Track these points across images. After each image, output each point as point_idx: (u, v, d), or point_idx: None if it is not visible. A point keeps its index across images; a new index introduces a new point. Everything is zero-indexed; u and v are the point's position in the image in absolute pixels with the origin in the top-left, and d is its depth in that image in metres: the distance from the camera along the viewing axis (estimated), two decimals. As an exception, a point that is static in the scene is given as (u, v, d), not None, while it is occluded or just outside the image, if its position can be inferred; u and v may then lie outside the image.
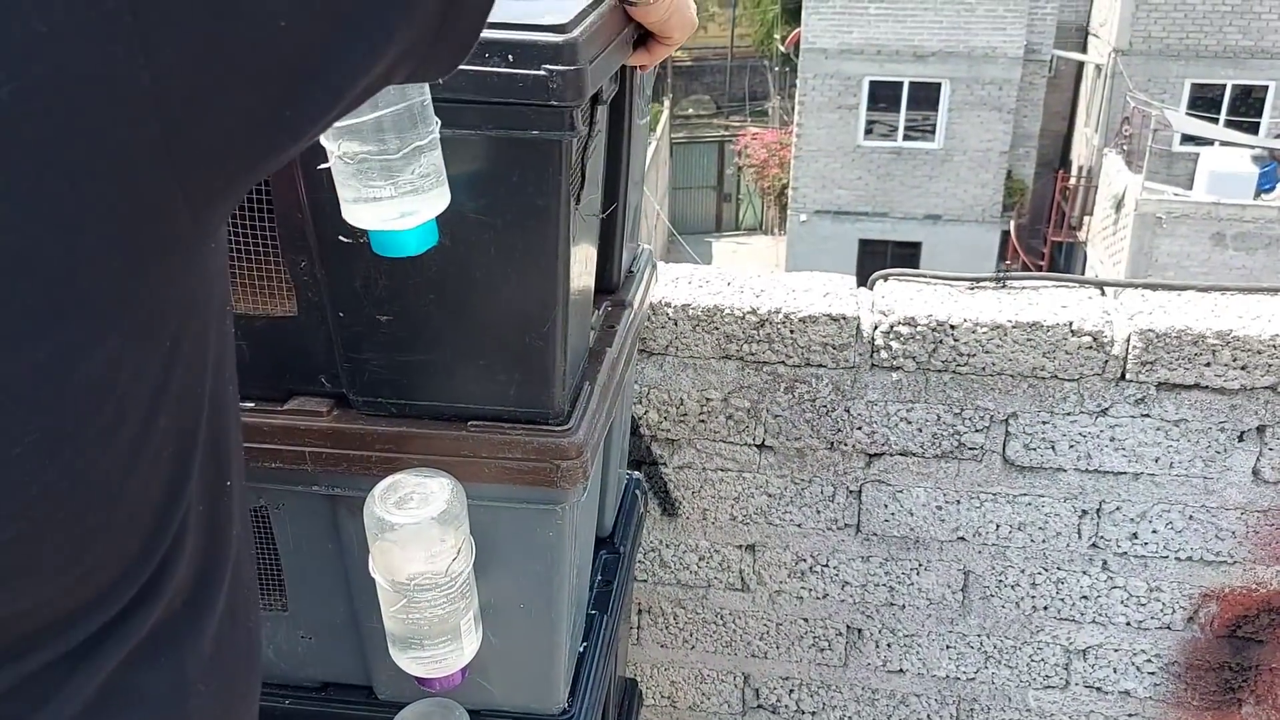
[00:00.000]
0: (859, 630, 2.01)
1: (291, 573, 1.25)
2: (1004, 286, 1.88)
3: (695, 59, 25.49)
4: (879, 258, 15.61)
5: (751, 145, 20.04)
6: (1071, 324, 1.76)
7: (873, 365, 1.82)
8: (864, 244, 16.31)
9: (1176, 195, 13.67)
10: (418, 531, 1.05)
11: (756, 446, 1.88)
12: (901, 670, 2.03)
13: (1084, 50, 16.95)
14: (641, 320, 1.56)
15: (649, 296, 1.59)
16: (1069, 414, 1.80)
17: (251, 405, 1.15)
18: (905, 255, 15.88)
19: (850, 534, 1.93)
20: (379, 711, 1.30)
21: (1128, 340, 1.75)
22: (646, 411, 1.87)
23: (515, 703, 1.31)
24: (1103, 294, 1.85)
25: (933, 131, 15.84)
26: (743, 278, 1.91)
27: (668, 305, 1.81)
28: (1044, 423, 1.82)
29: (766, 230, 21.47)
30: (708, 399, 1.86)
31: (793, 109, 17.20)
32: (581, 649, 1.40)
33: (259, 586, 1.19)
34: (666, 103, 22.46)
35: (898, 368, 1.81)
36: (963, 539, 1.92)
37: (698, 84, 25.54)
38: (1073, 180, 16.68)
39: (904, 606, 1.98)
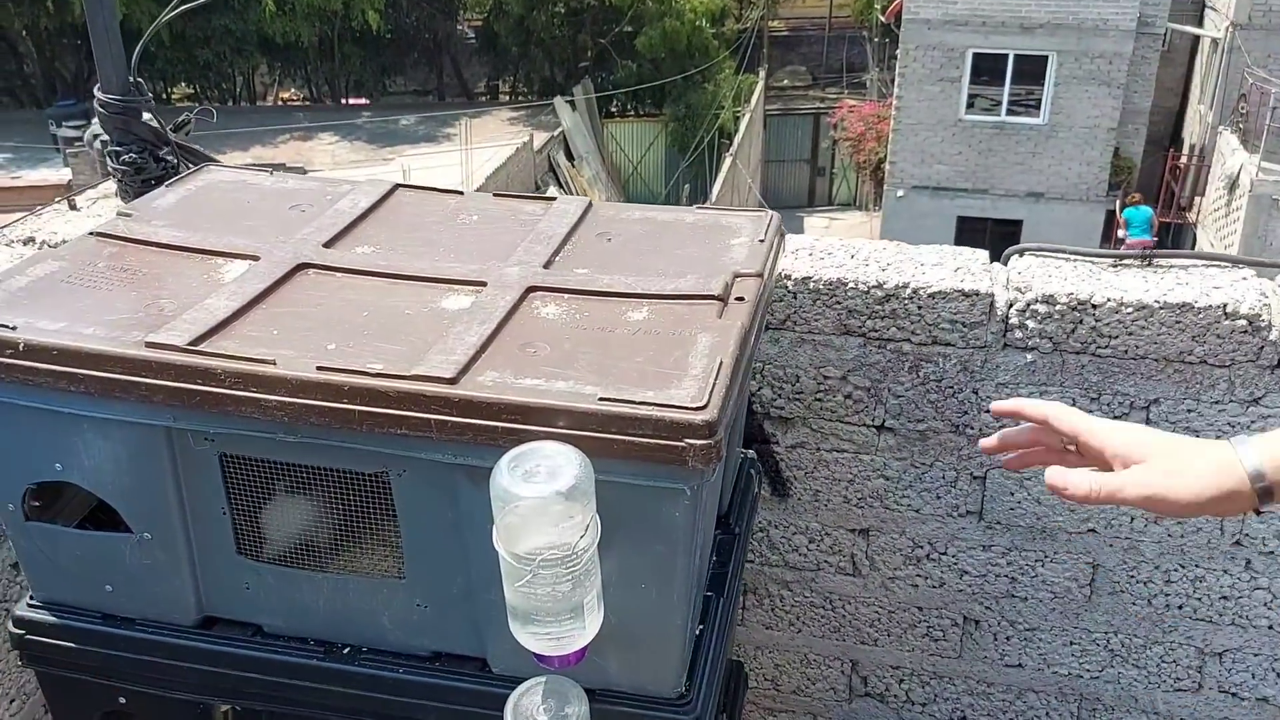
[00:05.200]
0: (976, 621, 1.94)
1: (410, 540, 1.24)
2: (1150, 264, 1.73)
3: (792, 29, 24.92)
4: (978, 235, 15.07)
5: (848, 118, 19.41)
6: (1225, 306, 1.62)
7: (1005, 345, 1.73)
8: (962, 221, 15.79)
9: (1296, 176, 12.20)
10: (544, 505, 1.02)
11: (875, 427, 1.84)
12: (1020, 664, 1.95)
13: (1200, 24, 15.57)
14: (771, 293, 1.52)
15: (777, 267, 1.55)
16: (1217, 402, 1.67)
17: (379, 368, 1.14)
18: (1005, 234, 15.34)
19: (972, 521, 1.86)
20: (492, 685, 1.28)
21: (1287, 326, 1.58)
22: (761, 388, 1.85)
23: (633, 684, 1.28)
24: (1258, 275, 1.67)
25: (1038, 106, 15.28)
26: (868, 249, 1.85)
27: (787, 278, 1.77)
28: (1189, 410, 1.69)
29: (861, 206, 20.85)
30: (826, 376, 1.82)
31: (891, 81, 16.70)
32: (698, 631, 1.36)
33: (376, 554, 1.28)
34: (761, 74, 22.00)
35: (1032, 348, 1.72)
36: (1093, 531, 1.82)
37: (794, 55, 25.03)
38: (1184, 159, 15.47)
39: (1026, 599, 1.90)
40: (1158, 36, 15.20)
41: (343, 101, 22.18)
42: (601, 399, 1.13)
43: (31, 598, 1.40)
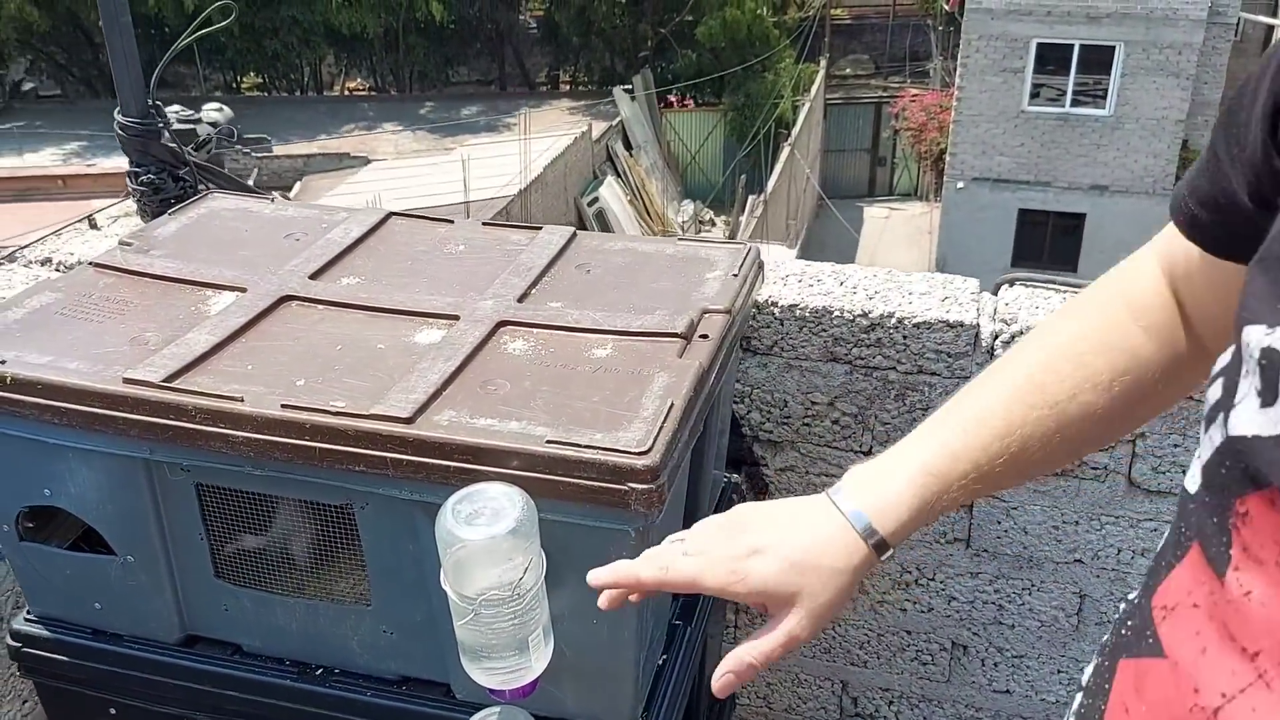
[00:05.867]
0: (964, 647, 1.94)
1: (374, 570, 1.29)
2: (1139, 297, 1.71)
3: (855, 17, 24.50)
4: (1039, 229, 14.60)
5: (910, 108, 19.01)
6: (1212, 343, 1.59)
7: (990, 376, 1.73)
8: (1024, 214, 15.46)
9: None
10: (487, 547, 1.06)
11: (863, 453, 1.85)
12: (1008, 690, 1.95)
13: (1275, 14, 14.73)
14: (740, 329, 1.54)
15: (750, 299, 1.58)
16: (1204, 439, 1.65)
17: (340, 406, 1.19)
18: (1068, 227, 14.81)
19: (960, 548, 1.87)
20: (455, 711, 1.33)
21: (1274, 364, 1.56)
22: (749, 411, 1.87)
23: (589, 714, 1.32)
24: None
25: (1104, 97, 15.01)
26: (857, 276, 1.85)
27: (774, 304, 1.78)
28: (1175, 445, 1.68)
29: (921, 196, 20.50)
30: (813, 402, 1.83)
31: (954, 70, 16.03)
32: (661, 661, 1.40)
33: (346, 581, 1.34)
34: (823, 62, 21.48)
35: (1017, 379, 1.71)
36: (1080, 561, 1.81)
37: (856, 43, 24.62)
38: (1256, 152, 14.64)
39: (1013, 626, 1.90)
40: (1230, 26, 14.78)
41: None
42: (549, 441, 1.16)
43: (28, 612, 1.48)
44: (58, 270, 1.91)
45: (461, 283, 1.51)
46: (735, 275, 1.51)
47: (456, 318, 1.41)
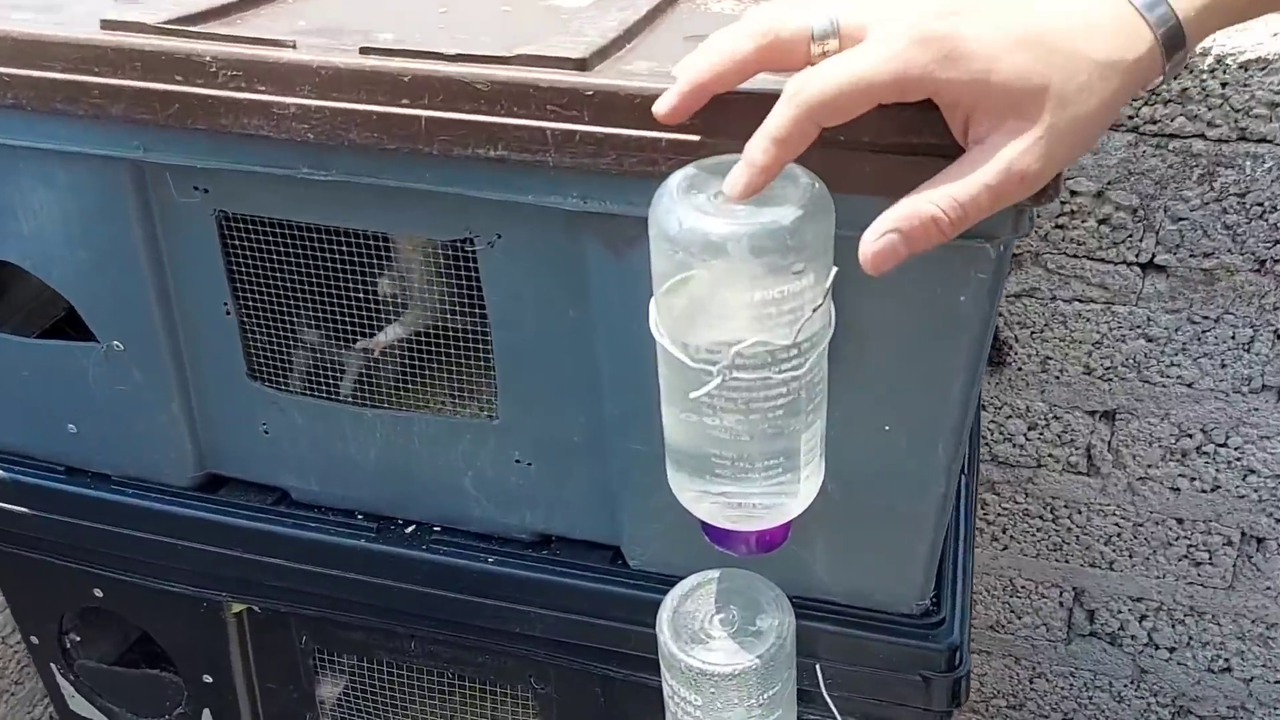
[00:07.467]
0: (1259, 540, 1.44)
1: (504, 355, 0.79)
2: None
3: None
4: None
5: None
6: None
7: (1351, 140, 1.22)
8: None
9: None
10: (745, 258, 0.55)
11: (1140, 265, 1.34)
12: (1321, 600, 1.45)
13: None
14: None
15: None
16: None
17: (459, 52, 0.68)
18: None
19: (1270, 399, 1.36)
20: (628, 585, 0.85)
21: None
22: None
23: (849, 590, 0.82)
24: None
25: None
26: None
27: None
28: None
29: None
30: (1072, 192, 1.32)
31: None
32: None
33: (457, 381, 0.84)
34: None
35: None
36: None
37: None
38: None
39: (1339, 510, 1.40)
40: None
41: None
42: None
43: (-27, 445, 0.99)
44: None
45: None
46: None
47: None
